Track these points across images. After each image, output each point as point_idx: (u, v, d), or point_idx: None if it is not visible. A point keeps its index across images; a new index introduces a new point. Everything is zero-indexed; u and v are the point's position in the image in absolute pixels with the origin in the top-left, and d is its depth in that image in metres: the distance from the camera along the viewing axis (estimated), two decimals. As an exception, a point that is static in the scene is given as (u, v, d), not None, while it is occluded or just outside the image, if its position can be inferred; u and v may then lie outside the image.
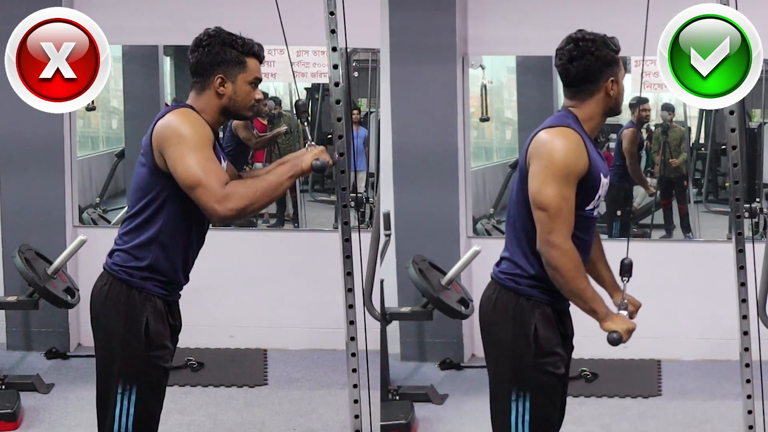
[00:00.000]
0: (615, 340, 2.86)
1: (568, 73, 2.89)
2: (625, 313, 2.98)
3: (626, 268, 3.05)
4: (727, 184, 4.61)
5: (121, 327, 2.89)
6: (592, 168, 2.83)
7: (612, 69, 2.88)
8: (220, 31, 2.96)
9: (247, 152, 5.74)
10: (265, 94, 5.66)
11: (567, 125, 2.84)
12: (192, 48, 2.96)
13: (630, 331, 2.88)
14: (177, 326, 3.06)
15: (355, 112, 5.72)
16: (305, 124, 3.21)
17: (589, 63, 2.86)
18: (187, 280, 3.04)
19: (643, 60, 3.35)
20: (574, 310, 3.02)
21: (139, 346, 2.89)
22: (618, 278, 3.09)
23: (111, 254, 2.97)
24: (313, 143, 3.04)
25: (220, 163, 2.93)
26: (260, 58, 3.00)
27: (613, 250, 3.21)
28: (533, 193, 2.80)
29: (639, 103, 5.57)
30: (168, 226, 2.89)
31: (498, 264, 2.98)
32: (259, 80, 3.00)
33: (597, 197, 2.89)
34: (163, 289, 2.94)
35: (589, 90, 2.89)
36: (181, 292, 3.05)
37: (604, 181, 2.89)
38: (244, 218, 2.80)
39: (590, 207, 2.88)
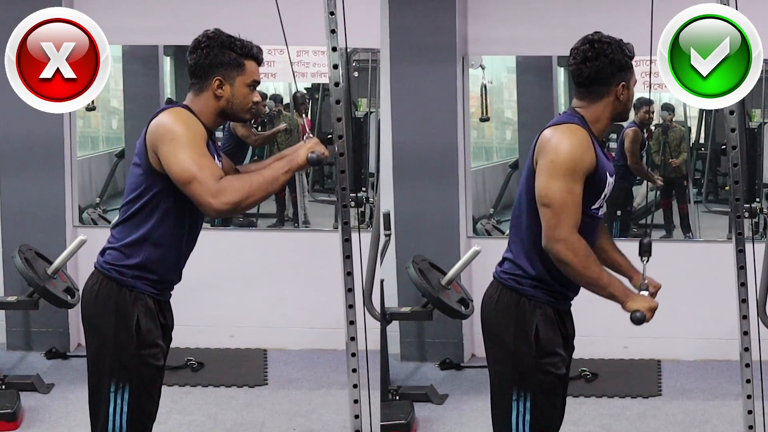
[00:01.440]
0: (638, 318, 2.84)
1: (580, 73, 2.89)
2: (646, 293, 2.96)
3: (646, 248, 3.05)
4: (727, 188, 4.60)
5: (112, 325, 2.89)
6: (599, 166, 2.83)
7: (624, 74, 2.88)
8: (219, 33, 2.96)
9: (245, 150, 5.74)
10: (264, 95, 5.67)
11: (573, 122, 2.85)
12: (190, 50, 2.96)
13: (653, 309, 2.86)
14: (169, 325, 3.05)
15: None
16: (303, 115, 3.19)
17: (602, 65, 2.86)
18: (178, 279, 3.03)
19: (650, 60, 3.35)
20: (575, 311, 3.03)
21: (130, 344, 2.89)
22: (637, 261, 3.08)
23: (102, 252, 2.98)
24: (311, 135, 3.01)
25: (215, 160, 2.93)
26: (259, 61, 3.00)
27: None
28: (539, 189, 2.80)
29: (642, 104, 5.57)
30: (161, 226, 2.89)
31: (500, 264, 2.98)
32: (257, 83, 3.00)
33: (603, 196, 2.89)
34: (154, 288, 2.94)
35: (599, 92, 2.89)
36: (172, 292, 3.05)
37: (610, 181, 2.90)
38: (239, 213, 2.79)
39: (596, 206, 2.89)
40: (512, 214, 2.97)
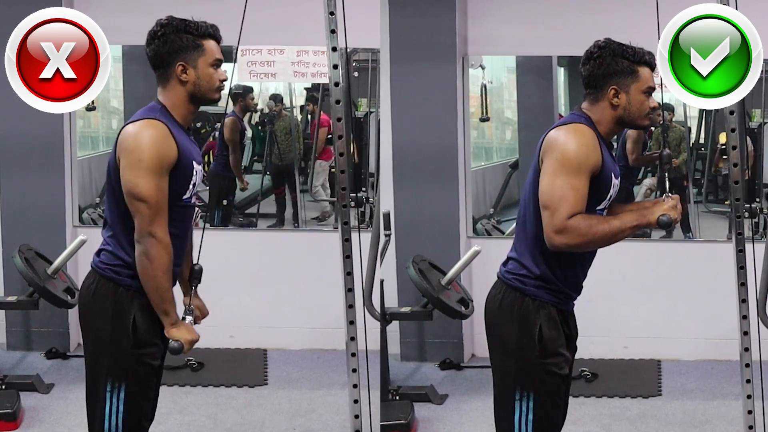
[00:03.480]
0: (665, 222, 2.80)
1: (580, 75, 2.93)
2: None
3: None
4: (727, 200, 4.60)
5: (109, 325, 2.89)
6: (605, 167, 2.83)
7: (617, 79, 2.87)
8: (172, 19, 2.95)
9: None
10: (250, 88, 5.67)
11: (580, 122, 2.85)
12: (147, 41, 2.94)
13: (675, 207, 2.84)
14: None
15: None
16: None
17: (591, 69, 2.89)
18: (173, 281, 3.01)
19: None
20: (576, 311, 3.02)
21: (126, 343, 2.89)
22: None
23: (98, 253, 2.98)
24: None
25: (194, 167, 2.92)
26: (217, 39, 2.98)
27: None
28: (541, 189, 2.80)
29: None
30: None
31: (505, 264, 2.98)
32: (220, 61, 2.98)
33: (608, 198, 2.89)
34: None
35: (594, 95, 2.91)
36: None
37: (615, 182, 2.90)
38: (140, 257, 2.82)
39: (601, 207, 2.89)
40: (518, 214, 2.97)
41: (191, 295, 3.08)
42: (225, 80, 2.99)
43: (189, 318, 2.99)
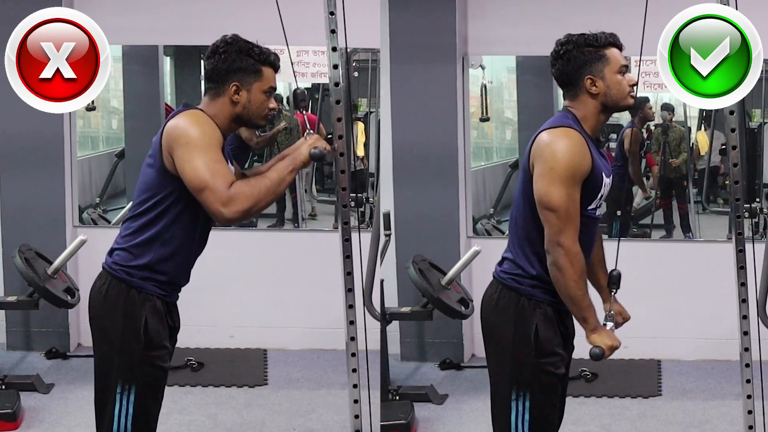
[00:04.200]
0: (597, 355, 2.86)
1: (553, 76, 2.93)
2: (611, 324, 2.95)
3: (614, 280, 3.04)
4: (727, 182, 4.60)
5: (120, 326, 2.90)
6: (595, 168, 2.84)
7: (589, 67, 2.87)
8: (237, 39, 2.96)
9: (248, 152, 5.74)
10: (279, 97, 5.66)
11: (568, 125, 2.85)
12: (208, 54, 2.96)
13: (613, 348, 2.87)
14: (176, 327, 3.07)
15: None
16: (304, 111, 3.17)
17: (561, 66, 2.90)
18: (186, 281, 3.04)
19: (640, 60, 3.35)
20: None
21: (137, 345, 2.90)
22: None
23: (111, 253, 2.97)
24: (311, 132, 3.02)
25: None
26: (276, 68, 3.01)
27: (613, 250, 3.20)
28: (540, 195, 2.80)
29: (641, 103, 5.57)
30: (172, 227, 2.89)
31: (500, 263, 2.99)
32: (274, 89, 3.01)
33: (599, 197, 2.90)
34: (162, 289, 2.95)
35: (573, 91, 2.91)
36: (179, 294, 3.06)
37: (606, 181, 2.90)
38: (249, 219, 2.80)
39: (592, 206, 2.90)
40: (511, 215, 2.98)
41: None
42: (274, 109, 3.01)
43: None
